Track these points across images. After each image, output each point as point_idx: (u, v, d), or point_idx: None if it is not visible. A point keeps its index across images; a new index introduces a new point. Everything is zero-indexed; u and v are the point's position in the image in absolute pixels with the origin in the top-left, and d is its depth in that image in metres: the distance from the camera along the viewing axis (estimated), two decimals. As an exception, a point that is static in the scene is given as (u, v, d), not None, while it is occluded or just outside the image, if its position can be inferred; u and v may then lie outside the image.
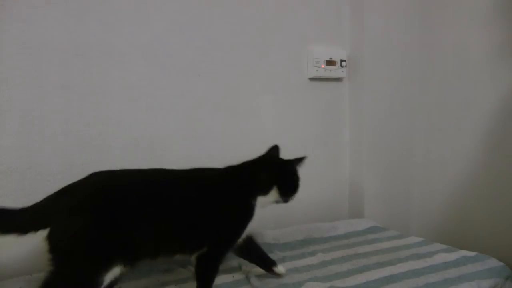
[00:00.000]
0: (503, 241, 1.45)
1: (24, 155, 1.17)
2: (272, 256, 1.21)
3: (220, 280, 1.12)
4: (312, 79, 1.67)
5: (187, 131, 1.43)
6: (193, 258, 1.02)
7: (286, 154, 1.17)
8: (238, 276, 1.15)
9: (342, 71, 1.71)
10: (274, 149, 1.16)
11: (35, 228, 0.88)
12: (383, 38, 1.71)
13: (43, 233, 0.88)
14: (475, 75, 1.56)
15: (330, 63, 1.67)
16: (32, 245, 0.89)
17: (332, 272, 1.18)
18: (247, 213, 1.05)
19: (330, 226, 1.55)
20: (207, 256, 1.01)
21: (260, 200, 1.06)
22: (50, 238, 0.88)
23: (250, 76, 1.54)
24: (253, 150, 1.13)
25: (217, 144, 1.47)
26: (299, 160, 1.12)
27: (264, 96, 1.58)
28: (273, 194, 1.08)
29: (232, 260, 1.24)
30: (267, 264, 1.14)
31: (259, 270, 1.16)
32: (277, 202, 1.10)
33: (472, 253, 1.27)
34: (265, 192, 1.07)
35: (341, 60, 1.70)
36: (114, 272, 0.90)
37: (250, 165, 1.10)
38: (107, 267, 0.88)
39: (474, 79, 1.56)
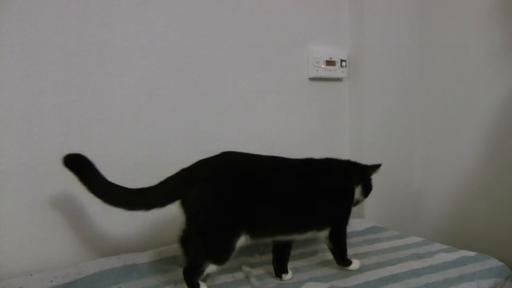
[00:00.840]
0: (503, 241, 1.45)
1: (24, 155, 1.17)
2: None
3: (220, 280, 1.12)
4: (312, 79, 1.67)
5: (187, 130, 1.43)
6: (322, 236, 1.16)
7: (286, 154, 1.17)
8: (238, 276, 1.16)
9: (342, 71, 1.71)
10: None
11: (172, 200, 1.01)
12: (383, 38, 1.71)
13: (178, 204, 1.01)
14: (475, 75, 1.56)
15: (330, 63, 1.67)
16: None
17: (332, 272, 1.18)
18: (351, 195, 1.19)
19: (330, 226, 1.55)
20: (333, 236, 1.15)
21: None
22: (185, 208, 1.00)
23: (250, 76, 1.54)
24: (253, 150, 1.13)
25: (217, 143, 1.47)
26: (377, 166, 1.24)
27: (264, 96, 1.58)
28: (359, 190, 1.21)
29: (232, 260, 1.24)
30: (281, 270, 1.16)
31: (259, 270, 1.16)
32: (355, 198, 1.22)
33: (472, 253, 1.27)
34: (357, 184, 1.21)
35: (341, 60, 1.70)
36: (241, 240, 1.01)
37: (344, 160, 1.25)
38: (236, 234, 1.00)
39: (474, 79, 1.56)
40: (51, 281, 1.08)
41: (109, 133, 1.30)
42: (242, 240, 1.02)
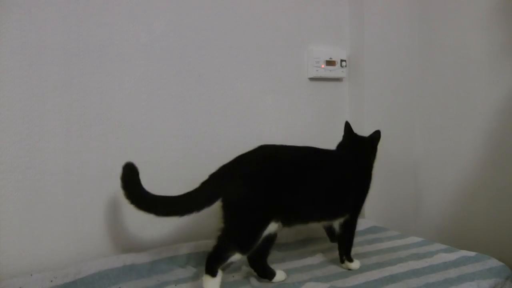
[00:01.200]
0: (503, 241, 1.45)
1: (24, 155, 1.17)
2: (272, 256, 1.21)
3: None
4: (312, 79, 1.67)
5: (187, 130, 1.43)
6: (336, 224, 1.22)
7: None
8: (238, 276, 1.16)
9: (342, 71, 1.71)
10: (349, 126, 1.34)
11: (217, 197, 1.05)
12: (383, 38, 1.71)
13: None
14: (475, 75, 1.56)
15: (330, 63, 1.67)
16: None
17: (332, 272, 1.18)
18: (370, 182, 1.27)
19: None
20: (349, 222, 1.21)
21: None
22: (223, 201, 1.05)
23: (250, 76, 1.54)
24: (253, 150, 1.13)
25: (217, 143, 1.47)
26: (379, 133, 1.29)
27: (264, 96, 1.58)
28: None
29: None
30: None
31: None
32: None
33: (472, 253, 1.27)
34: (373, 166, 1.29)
35: (341, 60, 1.70)
36: (270, 228, 1.07)
37: (363, 142, 1.30)
38: (266, 224, 1.06)
39: (474, 79, 1.57)
40: (51, 281, 1.08)
41: (109, 133, 1.30)
42: (273, 227, 1.08)
